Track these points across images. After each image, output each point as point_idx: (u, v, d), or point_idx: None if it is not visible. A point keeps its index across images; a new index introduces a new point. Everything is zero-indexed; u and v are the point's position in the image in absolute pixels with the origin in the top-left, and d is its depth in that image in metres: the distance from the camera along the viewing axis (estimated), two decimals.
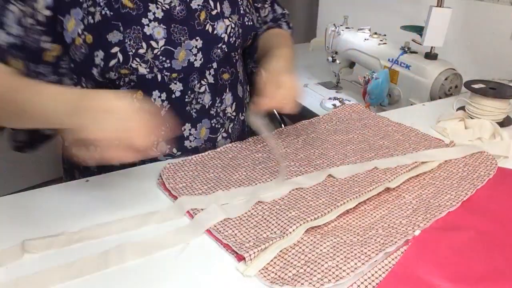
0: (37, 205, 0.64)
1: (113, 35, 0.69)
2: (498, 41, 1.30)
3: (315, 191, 0.67)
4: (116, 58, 0.70)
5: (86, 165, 0.84)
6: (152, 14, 0.71)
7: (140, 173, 0.74)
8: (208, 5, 0.77)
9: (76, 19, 0.68)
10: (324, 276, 0.50)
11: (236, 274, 0.53)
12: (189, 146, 0.81)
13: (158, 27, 0.72)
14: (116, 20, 0.69)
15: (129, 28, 0.70)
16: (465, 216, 0.64)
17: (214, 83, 0.81)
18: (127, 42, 0.70)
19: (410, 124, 0.92)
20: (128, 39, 0.70)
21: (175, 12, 0.73)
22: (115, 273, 0.53)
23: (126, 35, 0.69)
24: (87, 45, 0.69)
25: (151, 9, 0.72)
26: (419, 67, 1.16)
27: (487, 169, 0.75)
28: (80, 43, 0.69)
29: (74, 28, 0.69)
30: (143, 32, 0.71)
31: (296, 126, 0.92)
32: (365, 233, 0.59)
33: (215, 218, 0.60)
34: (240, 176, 0.72)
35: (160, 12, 0.72)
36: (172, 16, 0.73)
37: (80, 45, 0.69)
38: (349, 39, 1.40)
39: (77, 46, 0.70)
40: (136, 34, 0.70)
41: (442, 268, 0.53)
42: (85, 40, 0.69)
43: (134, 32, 0.70)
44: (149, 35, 0.71)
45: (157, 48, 0.72)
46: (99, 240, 0.58)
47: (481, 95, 0.93)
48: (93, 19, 0.68)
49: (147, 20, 0.71)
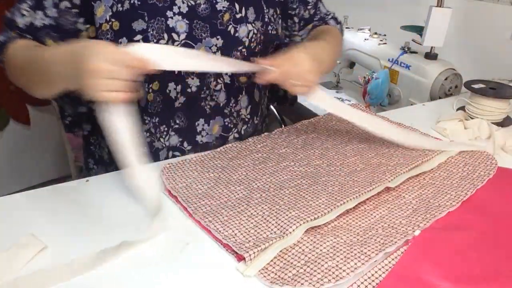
0: (37, 205, 0.64)
1: (137, 23, 0.72)
2: (498, 41, 1.30)
3: (315, 191, 0.67)
4: None
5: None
6: (177, 8, 0.74)
7: None
8: (233, 8, 0.79)
9: (106, 6, 0.72)
10: (324, 276, 0.50)
11: (236, 274, 0.53)
12: (200, 141, 0.82)
13: (181, 21, 0.74)
14: (142, 9, 0.72)
15: (153, 18, 0.72)
16: (465, 216, 0.64)
17: (230, 84, 0.83)
18: (149, 31, 0.72)
19: (410, 124, 0.92)
20: (151, 29, 0.72)
21: (200, 9, 0.76)
22: (115, 273, 0.53)
23: (149, 24, 0.72)
24: (113, 31, 0.73)
25: (177, 3, 0.74)
26: (419, 67, 1.16)
27: (487, 169, 0.75)
28: (106, 29, 0.73)
29: (103, 14, 0.72)
30: (166, 24, 0.73)
31: (296, 126, 0.92)
32: (365, 233, 0.59)
33: None
34: (240, 176, 0.72)
35: (185, 7, 0.75)
36: (196, 12, 0.76)
37: (107, 30, 0.73)
38: (349, 39, 1.40)
39: (103, 31, 0.73)
40: (159, 25, 0.73)
41: (442, 268, 0.53)
42: (112, 27, 0.73)
43: (158, 23, 0.73)
44: (171, 28, 0.74)
45: (178, 41, 0.75)
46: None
47: (481, 95, 0.93)
48: (122, 7, 0.72)
49: (171, 13, 0.74)
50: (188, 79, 0.78)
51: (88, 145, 0.92)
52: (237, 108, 0.85)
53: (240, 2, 0.79)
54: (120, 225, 0.61)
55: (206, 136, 0.82)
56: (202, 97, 0.80)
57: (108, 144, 0.84)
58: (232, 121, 0.85)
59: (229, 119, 0.85)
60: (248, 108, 0.88)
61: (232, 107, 0.84)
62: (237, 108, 0.86)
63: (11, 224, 0.60)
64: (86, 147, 0.92)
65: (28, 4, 0.72)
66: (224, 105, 0.83)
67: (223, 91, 0.82)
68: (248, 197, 0.66)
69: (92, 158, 0.92)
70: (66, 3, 0.72)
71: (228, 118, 0.84)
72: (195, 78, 0.78)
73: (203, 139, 0.82)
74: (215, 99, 0.81)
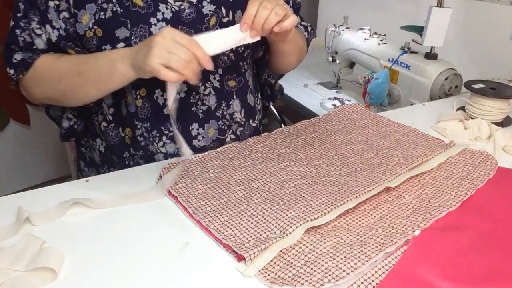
0: (37, 205, 0.64)
1: (120, 31, 0.71)
2: (498, 41, 1.30)
3: (315, 191, 0.67)
4: None
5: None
6: (161, 14, 0.73)
7: (140, 173, 0.74)
8: (220, 12, 0.77)
9: (90, 13, 0.71)
10: (324, 276, 0.50)
11: (236, 274, 0.53)
12: (197, 145, 0.82)
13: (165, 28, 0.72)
14: (125, 17, 0.71)
15: (136, 26, 0.71)
16: (465, 216, 0.64)
17: (219, 88, 0.82)
18: (133, 39, 0.72)
19: (410, 124, 0.92)
20: (134, 37, 0.72)
21: (184, 15, 0.74)
22: (115, 272, 0.53)
23: (133, 32, 0.71)
24: (98, 37, 0.72)
25: (161, 9, 0.73)
26: (419, 67, 1.16)
27: (487, 169, 0.75)
28: (90, 36, 0.72)
29: (87, 22, 0.71)
30: (149, 31, 0.72)
31: (296, 126, 0.92)
32: (365, 233, 0.59)
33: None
34: (240, 176, 0.72)
35: (169, 12, 0.73)
36: (181, 18, 0.74)
37: (91, 37, 0.72)
38: (349, 39, 1.40)
39: (88, 38, 0.73)
40: (143, 33, 0.72)
41: (442, 268, 0.53)
42: (96, 33, 0.72)
43: (141, 30, 0.72)
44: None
45: None
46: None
47: (481, 95, 0.93)
48: (105, 15, 0.71)
49: (155, 19, 0.72)
50: None
51: (79, 147, 0.92)
52: (229, 111, 0.84)
53: (227, 6, 0.78)
54: (120, 225, 0.61)
55: (202, 139, 0.82)
56: (192, 102, 0.79)
57: (99, 147, 0.85)
58: (225, 123, 0.84)
59: (222, 121, 0.84)
60: (242, 111, 0.87)
61: (224, 110, 0.83)
62: (230, 111, 0.84)
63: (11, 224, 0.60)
64: (78, 149, 0.93)
65: (36, 21, 0.73)
66: (215, 108, 0.82)
67: (213, 94, 0.81)
68: (248, 197, 0.66)
69: (83, 160, 0.92)
70: (65, 14, 0.72)
71: (221, 120, 0.84)
72: (182, 83, 0.77)
73: (200, 143, 0.82)
74: (206, 103, 0.81)
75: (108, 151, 0.85)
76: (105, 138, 0.83)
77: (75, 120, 0.86)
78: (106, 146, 0.85)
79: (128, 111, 0.79)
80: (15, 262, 0.52)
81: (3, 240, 0.57)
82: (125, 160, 0.83)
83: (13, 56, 0.74)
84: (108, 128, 0.82)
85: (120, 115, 0.80)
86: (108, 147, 0.84)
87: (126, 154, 0.82)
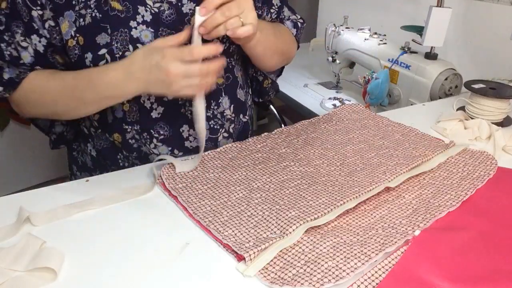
0: (37, 205, 0.64)
1: (101, 37, 0.70)
2: (498, 41, 1.30)
3: (315, 191, 0.67)
4: (104, 59, 0.71)
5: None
6: (140, 17, 0.71)
7: (140, 173, 0.74)
8: None
9: (69, 21, 0.69)
10: (324, 276, 0.50)
11: (236, 274, 0.53)
12: (190, 146, 0.81)
13: (146, 30, 0.72)
14: (105, 22, 0.70)
15: (116, 30, 0.70)
16: (465, 216, 0.64)
17: None
18: (114, 44, 0.70)
19: (410, 124, 0.92)
20: (115, 42, 0.70)
21: (164, 16, 0.73)
22: (114, 273, 0.53)
23: (113, 37, 0.70)
24: (80, 46, 0.70)
25: (140, 11, 0.71)
26: (419, 67, 1.16)
27: (487, 169, 0.75)
28: (73, 45, 0.70)
29: (67, 30, 0.70)
30: (130, 35, 0.71)
31: (296, 126, 0.92)
32: (365, 233, 0.59)
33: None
34: (240, 176, 0.72)
35: (148, 15, 0.72)
36: (161, 19, 0.73)
37: (74, 46, 0.70)
38: (349, 39, 1.40)
39: (70, 47, 0.71)
40: (123, 37, 0.70)
41: (442, 268, 0.53)
42: (78, 42, 0.70)
43: (121, 34, 0.70)
44: (136, 38, 0.71)
45: None
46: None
47: (481, 95, 0.93)
48: (84, 21, 0.69)
49: (135, 23, 0.71)
50: None
51: (71, 151, 0.91)
52: (219, 110, 0.84)
53: None
54: (120, 225, 0.61)
55: (194, 140, 0.81)
56: (181, 103, 0.79)
57: (90, 151, 0.84)
58: (217, 122, 0.84)
59: (214, 121, 0.83)
60: (232, 107, 0.86)
61: (214, 109, 0.83)
62: (220, 110, 0.84)
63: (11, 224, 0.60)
64: (69, 154, 0.92)
65: (20, 33, 0.70)
66: (205, 108, 0.81)
67: None
68: (248, 197, 0.66)
69: (75, 164, 0.91)
70: (50, 22, 0.70)
71: (213, 120, 0.83)
72: None
73: (192, 144, 0.81)
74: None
75: (99, 155, 0.84)
76: (95, 143, 0.83)
77: (64, 128, 0.85)
78: (97, 151, 0.84)
79: (115, 117, 0.78)
80: (15, 262, 0.52)
81: (3, 240, 0.57)
82: (119, 162, 0.82)
83: (2, 73, 0.72)
84: (96, 134, 0.82)
85: (105, 121, 0.79)
86: (100, 151, 0.83)
87: (120, 155, 0.82)
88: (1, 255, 0.53)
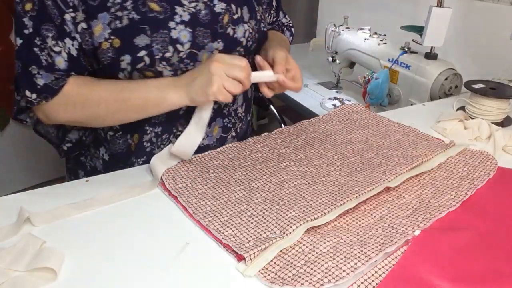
0: (37, 205, 0.64)
1: (140, 39, 0.69)
2: (498, 41, 1.30)
3: (315, 191, 0.67)
4: (143, 61, 0.70)
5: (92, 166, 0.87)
6: (178, 17, 0.71)
7: (140, 173, 0.74)
8: (230, 9, 0.77)
9: (103, 23, 0.68)
10: (324, 276, 0.50)
11: (236, 274, 0.53)
12: (201, 144, 0.81)
13: (184, 31, 0.71)
14: (144, 23, 0.69)
15: (156, 32, 0.69)
16: (465, 216, 0.64)
17: None
18: (154, 46, 0.69)
19: (410, 124, 0.92)
20: (155, 43, 0.69)
21: (201, 16, 0.73)
22: (114, 272, 0.53)
23: (153, 38, 0.69)
24: (114, 49, 0.69)
25: (178, 11, 0.71)
26: (419, 67, 1.16)
27: (487, 169, 0.75)
28: (107, 47, 0.69)
29: (101, 33, 0.68)
30: (170, 36, 0.70)
31: (296, 126, 0.92)
32: (365, 233, 0.59)
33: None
34: (240, 176, 0.72)
35: (186, 15, 0.72)
36: (198, 19, 0.73)
37: (107, 49, 0.69)
38: (349, 39, 1.40)
39: (103, 50, 0.69)
40: (163, 38, 0.70)
41: (442, 268, 0.53)
42: (112, 44, 0.69)
43: (161, 36, 0.70)
44: (175, 39, 0.71)
45: (183, 51, 0.72)
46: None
47: (481, 95, 0.93)
48: (121, 23, 0.68)
49: (173, 23, 0.71)
50: None
51: (78, 156, 0.88)
52: (234, 107, 0.85)
53: (235, 2, 0.78)
54: (120, 225, 0.61)
55: (207, 138, 0.82)
56: None
57: (102, 155, 0.84)
58: (230, 120, 0.85)
59: (228, 119, 0.85)
60: (243, 105, 0.88)
61: (230, 107, 0.84)
62: (235, 107, 0.86)
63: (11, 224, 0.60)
64: (75, 159, 0.89)
65: (51, 37, 0.68)
66: (224, 106, 0.83)
67: None
68: (248, 197, 0.66)
69: (82, 169, 0.89)
70: (82, 25, 0.68)
71: (227, 118, 0.84)
72: None
73: (204, 141, 0.82)
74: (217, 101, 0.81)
75: (112, 159, 0.83)
76: (110, 147, 0.82)
77: (83, 132, 0.84)
78: (110, 155, 0.83)
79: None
80: (15, 262, 0.52)
81: (3, 240, 0.57)
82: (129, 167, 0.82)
83: (35, 80, 0.69)
84: (115, 137, 0.80)
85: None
86: (113, 155, 0.82)
87: (129, 162, 0.82)
88: (1, 255, 0.53)
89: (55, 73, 0.70)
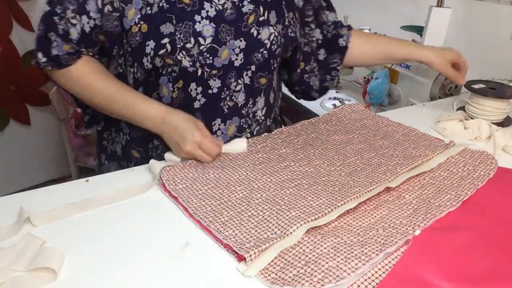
0: (37, 205, 0.64)
1: (165, 27, 0.73)
2: (498, 41, 1.30)
3: (315, 191, 0.67)
4: (164, 49, 0.74)
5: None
6: (205, 12, 0.75)
7: (140, 173, 0.74)
8: (258, 11, 0.79)
9: (136, 8, 0.73)
10: (325, 277, 0.50)
11: (236, 274, 0.53)
12: None
13: (208, 25, 0.75)
14: (171, 13, 0.73)
15: (181, 22, 0.74)
16: (465, 216, 0.64)
17: (250, 84, 0.83)
18: (177, 35, 0.73)
19: (410, 124, 0.92)
20: (178, 32, 0.73)
21: (226, 14, 0.76)
22: (115, 273, 0.53)
23: (177, 28, 0.73)
24: (142, 33, 0.74)
25: (205, 7, 0.75)
26: (419, 67, 1.16)
27: (487, 169, 0.75)
28: (136, 31, 0.74)
29: (132, 17, 0.74)
30: (193, 28, 0.74)
31: (296, 126, 0.92)
32: (366, 233, 0.59)
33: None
34: (240, 176, 0.72)
35: (213, 11, 0.75)
36: (223, 16, 0.76)
37: (136, 33, 0.74)
38: None
39: (132, 33, 0.74)
40: (187, 29, 0.74)
41: (442, 268, 0.53)
42: (140, 29, 0.74)
43: (186, 26, 0.74)
44: (198, 32, 0.74)
45: (204, 45, 0.75)
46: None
47: (481, 95, 0.93)
48: (151, 10, 0.73)
49: (199, 17, 0.75)
50: (210, 81, 0.78)
51: (101, 140, 0.93)
52: (254, 109, 0.86)
53: (264, 5, 0.80)
54: (120, 225, 0.61)
55: (221, 135, 0.83)
56: (222, 97, 0.80)
57: (121, 140, 0.87)
58: (247, 121, 0.85)
59: (245, 119, 0.85)
60: (264, 109, 0.88)
61: (249, 108, 0.84)
62: (254, 109, 0.86)
63: (11, 224, 0.60)
64: (99, 142, 0.94)
65: (71, 10, 0.73)
66: (242, 105, 0.83)
67: (243, 91, 0.82)
68: (248, 197, 0.66)
69: (104, 153, 0.92)
70: (108, 7, 0.73)
71: (244, 118, 0.85)
72: (217, 79, 0.79)
73: (217, 138, 0.82)
74: (234, 99, 0.82)
75: (132, 143, 0.86)
76: (130, 132, 0.85)
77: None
78: (127, 140, 0.86)
79: (162, 103, 0.80)
80: (15, 262, 0.52)
81: (3, 240, 0.57)
82: (148, 151, 0.84)
83: (51, 48, 0.75)
84: None
85: None
86: (133, 139, 0.85)
87: (150, 145, 0.83)
88: (1, 255, 0.53)
89: (68, 43, 0.75)
